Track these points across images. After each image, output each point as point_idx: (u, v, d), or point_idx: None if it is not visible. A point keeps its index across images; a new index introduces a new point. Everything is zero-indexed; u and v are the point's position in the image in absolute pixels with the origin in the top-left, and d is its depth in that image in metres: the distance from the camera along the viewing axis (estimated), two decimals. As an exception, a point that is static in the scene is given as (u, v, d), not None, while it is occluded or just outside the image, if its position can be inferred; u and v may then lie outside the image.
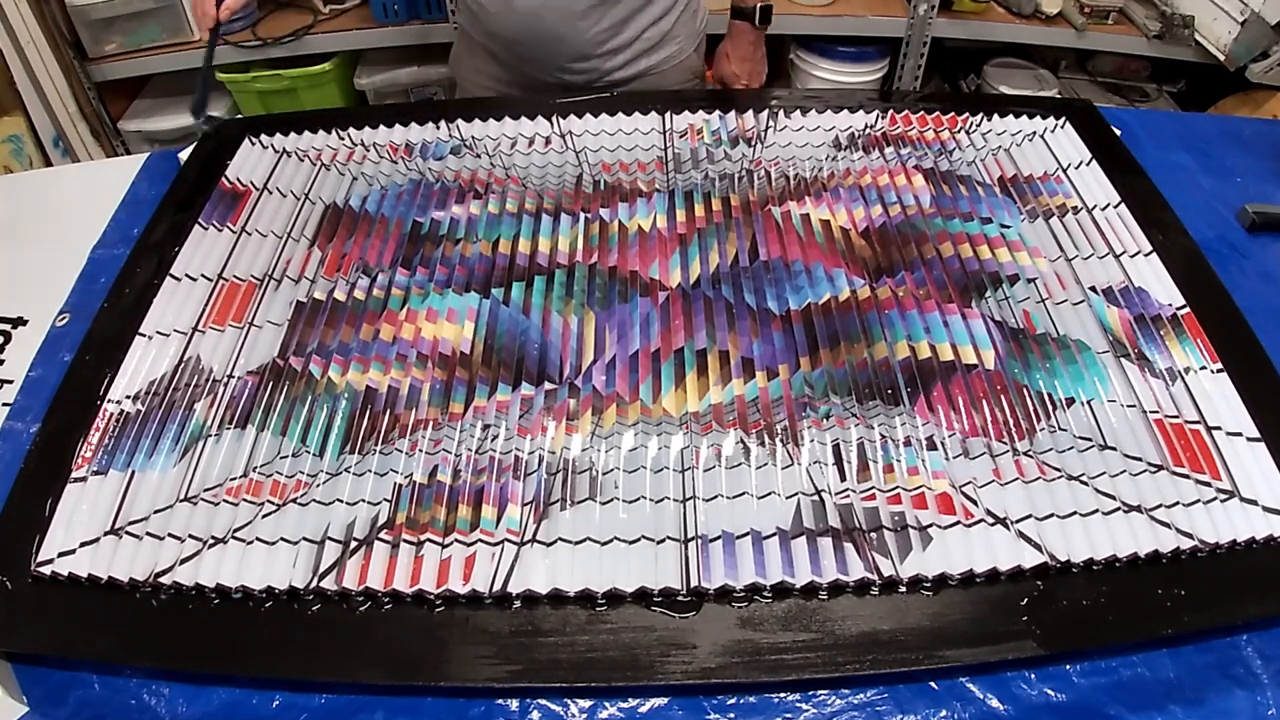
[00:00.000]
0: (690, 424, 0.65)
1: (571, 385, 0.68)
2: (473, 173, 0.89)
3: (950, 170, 0.89)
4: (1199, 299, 0.74)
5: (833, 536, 0.57)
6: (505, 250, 0.80)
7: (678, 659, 0.53)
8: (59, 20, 1.50)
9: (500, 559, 0.57)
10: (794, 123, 0.95)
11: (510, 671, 0.52)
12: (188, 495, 0.61)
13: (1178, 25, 1.56)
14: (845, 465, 0.62)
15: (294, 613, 0.55)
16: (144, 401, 0.67)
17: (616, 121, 0.96)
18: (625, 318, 0.73)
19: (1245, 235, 0.86)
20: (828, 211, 0.84)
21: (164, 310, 0.74)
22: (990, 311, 0.73)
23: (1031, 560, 0.56)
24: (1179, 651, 0.55)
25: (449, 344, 0.71)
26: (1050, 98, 1.65)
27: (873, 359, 0.69)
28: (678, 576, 0.56)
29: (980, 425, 0.64)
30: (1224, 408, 0.65)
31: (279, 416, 0.66)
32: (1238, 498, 0.60)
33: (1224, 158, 0.96)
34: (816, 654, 0.53)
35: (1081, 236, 0.80)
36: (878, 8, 1.66)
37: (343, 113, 1.32)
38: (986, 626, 0.54)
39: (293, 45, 1.60)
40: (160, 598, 0.56)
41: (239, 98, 1.68)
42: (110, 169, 1.02)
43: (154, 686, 0.54)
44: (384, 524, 0.59)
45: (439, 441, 0.64)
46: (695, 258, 0.78)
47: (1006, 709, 0.53)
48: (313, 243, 0.81)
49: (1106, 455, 0.63)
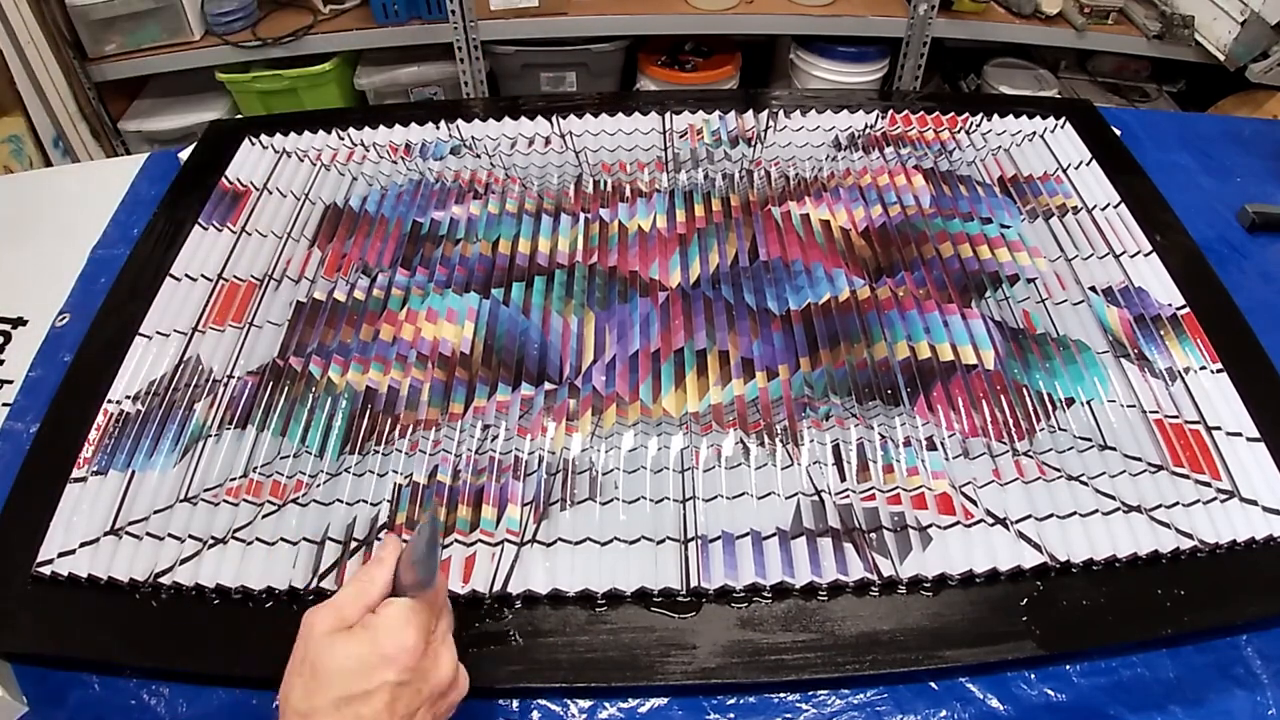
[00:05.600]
0: (690, 424, 0.65)
1: (571, 385, 0.68)
2: (473, 173, 0.89)
3: (950, 170, 0.89)
4: (1199, 299, 0.74)
5: (832, 537, 0.57)
6: (505, 250, 0.80)
7: (677, 659, 0.53)
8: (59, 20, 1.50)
9: (500, 559, 0.57)
10: (794, 123, 0.95)
11: (510, 671, 0.52)
12: (188, 495, 0.61)
13: (1178, 25, 1.56)
14: (845, 465, 0.62)
15: (294, 613, 0.55)
16: (144, 401, 0.67)
17: (616, 121, 0.96)
18: (625, 318, 0.73)
19: (1245, 235, 0.86)
20: (828, 211, 0.84)
21: (164, 310, 0.74)
22: (990, 311, 0.73)
23: (1031, 560, 0.56)
24: (1179, 651, 0.55)
25: (449, 344, 0.71)
26: (1050, 98, 1.65)
27: (872, 359, 0.69)
28: (678, 577, 0.56)
29: (980, 425, 0.64)
30: (1224, 408, 0.65)
31: (279, 417, 0.66)
32: (1238, 498, 0.60)
33: (1224, 158, 0.96)
34: (816, 654, 0.53)
35: (1081, 236, 0.80)
36: (878, 8, 1.66)
37: (343, 113, 1.32)
38: (986, 626, 0.54)
39: (293, 45, 1.60)
40: (160, 598, 0.56)
41: (239, 98, 1.68)
42: (110, 169, 1.01)
43: (154, 686, 0.54)
44: (384, 524, 0.59)
45: (439, 442, 0.64)
46: (695, 258, 0.78)
47: (1006, 709, 0.53)
48: (313, 243, 0.81)
49: (1106, 455, 0.63)
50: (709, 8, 1.65)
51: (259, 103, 1.66)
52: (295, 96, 1.65)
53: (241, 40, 1.58)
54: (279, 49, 1.59)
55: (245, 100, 1.67)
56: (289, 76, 1.62)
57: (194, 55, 1.61)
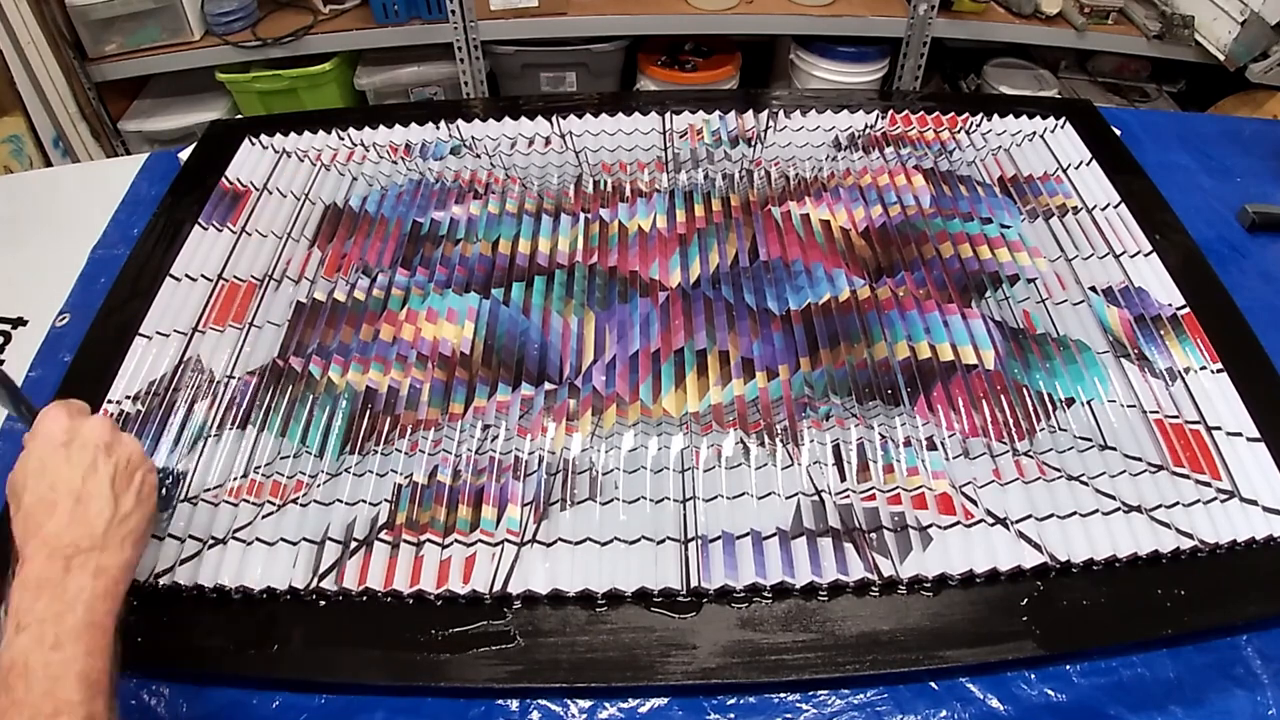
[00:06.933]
0: (690, 424, 0.65)
1: (571, 385, 0.68)
2: (473, 173, 0.89)
3: (950, 170, 0.89)
4: (1199, 299, 0.74)
5: (833, 537, 0.57)
6: (505, 250, 0.80)
7: (678, 659, 0.53)
8: (59, 20, 1.49)
9: (500, 559, 0.57)
10: (794, 123, 0.95)
11: (510, 672, 0.52)
12: (187, 495, 0.61)
13: (1178, 25, 1.56)
14: (845, 465, 0.62)
15: (294, 613, 0.55)
16: (144, 401, 0.67)
17: (616, 121, 0.95)
18: (625, 318, 0.73)
19: (1245, 235, 0.86)
20: (828, 211, 0.84)
21: (164, 310, 0.74)
22: (990, 311, 0.73)
23: (1031, 560, 0.56)
24: (1179, 651, 0.55)
25: (449, 344, 0.71)
26: (1050, 98, 1.65)
27: (873, 359, 0.69)
28: (678, 577, 0.56)
29: (980, 425, 0.64)
30: (1224, 408, 0.65)
31: (279, 417, 0.66)
32: (1238, 498, 0.60)
33: (1224, 158, 0.96)
34: (816, 654, 0.53)
35: (1081, 236, 0.80)
36: (878, 8, 1.66)
37: (343, 113, 1.32)
38: (986, 626, 0.54)
39: (293, 45, 1.59)
40: (160, 598, 0.56)
41: (239, 98, 1.68)
42: (110, 169, 1.02)
43: (154, 686, 0.54)
44: (384, 524, 0.59)
45: (439, 442, 0.64)
46: (695, 258, 0.78)
47: (1006, 709, 0.53)
48: (313, 243, 0.81)
49: (1106, 455, 0.63)
50: (709, 8, 1.64)
51: (259, 103, 1.66)
52: (295, 96, 1.65)
53: (241, 40, 1.58)
54: (279, 49, 1.59)
55: (245, 100, 1.67)
56: (289, 76, 1.62)
57: (194, 55, 1.60)
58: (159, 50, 1.60)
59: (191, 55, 1.61)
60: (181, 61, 1.61)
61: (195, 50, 1.60)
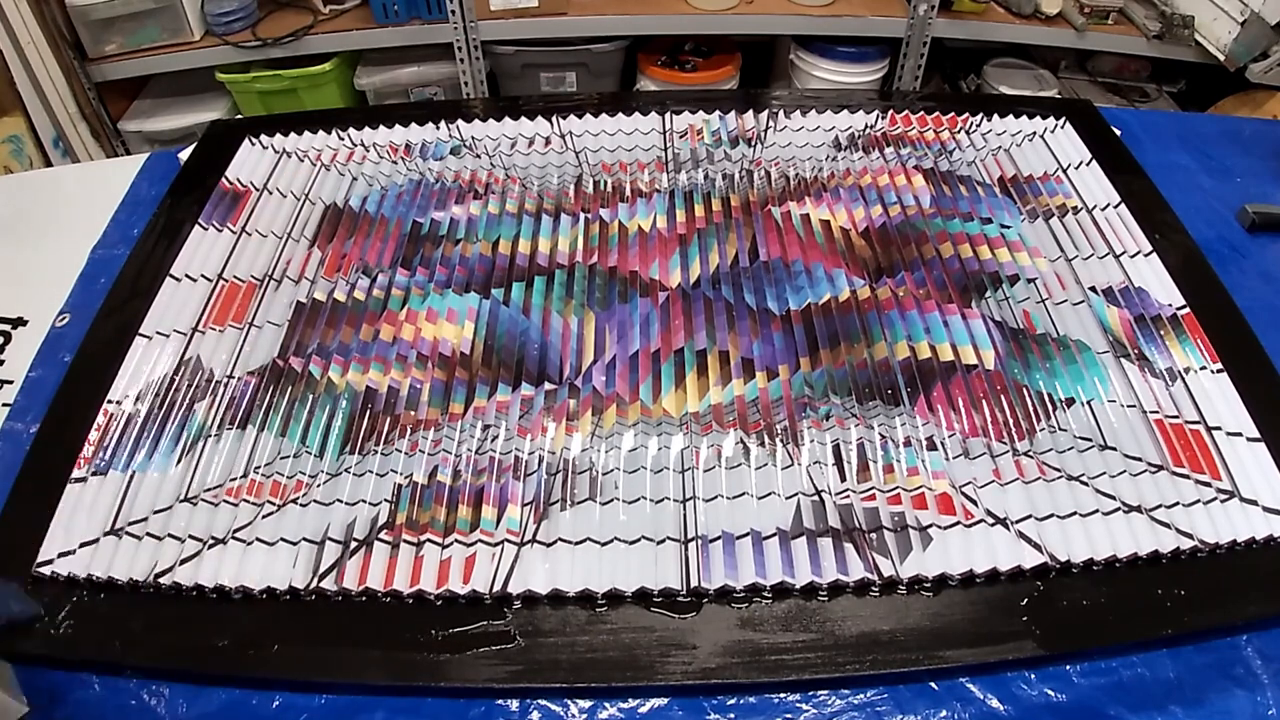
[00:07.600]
0: (690, 424, 0.65)
1: (571, 385, 0.68)
2: (473, 173, 0.89)
3: (950, 170, 0.89)
4: (1199, 299, 0.74)
5: (833, 537, 0.57)
6: (505, 250, 0.80)
7: (678, 659, 0.53)
8: (59, 20, 1.50)
9: (500, 559, 0.57)
10: (794, 123, 0.95)
11: (510, 672, 0.52)
12: (188, 496, 0.61)
13: (1178, 25, 1.56)
14: (845, 465, 0.62)
15: (294, 613, 0.55)
16: (144, 401, 0.67)
17: (616, 121, 0.95)
18: (625, 318, 0.73)
19: (1245, 235, 0.86)
20: (828, 211, 0.84)
21: (164, 310, 0.74)
22: (990, 311, 0.73)
23: (1031, 560, 0.56)
24: (1179, 651, 0.55)
25: (449, 344, 0.71)
26: (1050, 98, 1.65)
27: (873, 359, 0.69)
28: (678, 577, 0.56)
29: (980, 425, 0.64)
30: (1224, 408, 0.65)
31: (279, 417, 0.66)
32: (1238, 498, 0.60)
33: (1224, 158, 0.96)
34: (816, 654, 0.53)
35: (1081, 236, 0.80)
36: (878, 8, 1.66)
37: (343, 113, 1.32)
38: (986, 627, 0.54)
39: (293, 45, 1.60)
40: (160, 598, 0.56)
41: (239, 98, 1.68)
42: (110, 169, 1.02)
43: (154, 686, 0.54)
44: (384, 524, 0.59)
45: (439, 442, 0.64)
46: (695, 258, 0.78)
47: (1006, 709, 0.53)
48: (313, 243, 0.81)
49: (1106, 455, 0.63)
50: (709, 8, 1.65)
51: (259, 103, 1.66)
52: (295, 97, 1.65)
53: (241, 40, 1.58)
54: (279, 49, 1.59)
55: (245, 100, 1.67)
56: (289, 77, 1.62)
57: (194, 55, 1.61)
58: (159, 50, 1.60)
59: (191, 55, 1.61)
60: (181, 61, 1.61)
61: (195, 50, 1.60)
